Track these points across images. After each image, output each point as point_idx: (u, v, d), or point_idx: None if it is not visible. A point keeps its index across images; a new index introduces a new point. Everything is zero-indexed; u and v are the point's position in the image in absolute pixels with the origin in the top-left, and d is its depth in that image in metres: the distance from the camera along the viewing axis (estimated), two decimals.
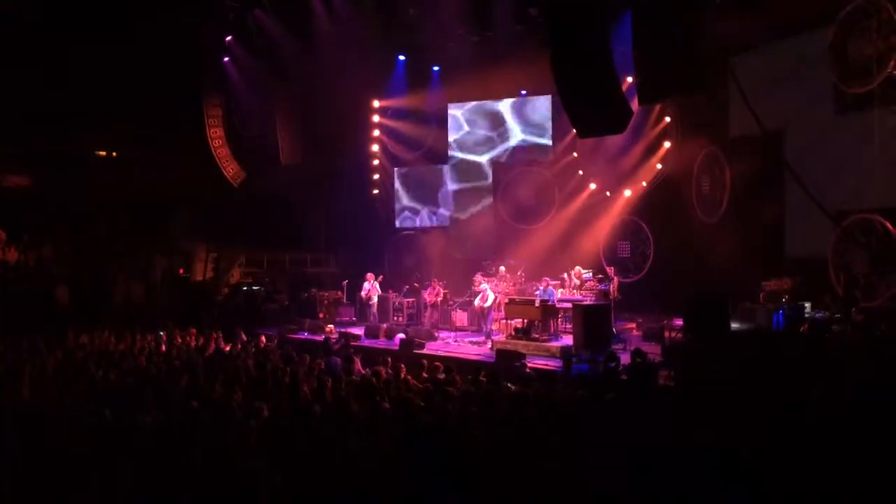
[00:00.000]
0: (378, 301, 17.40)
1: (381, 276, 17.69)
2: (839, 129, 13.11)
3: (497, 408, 7.32)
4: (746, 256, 14.02)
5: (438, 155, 21.46)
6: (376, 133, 21.84)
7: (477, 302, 15.07)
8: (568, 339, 13.29)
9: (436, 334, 15.19)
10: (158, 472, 5.43)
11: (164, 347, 12.65)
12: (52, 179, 19.39)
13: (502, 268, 16.61)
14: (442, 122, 21.22)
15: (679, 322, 12.52)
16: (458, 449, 5.38)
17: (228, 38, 19.23)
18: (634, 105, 12.30)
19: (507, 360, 11.50)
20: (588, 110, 11.45)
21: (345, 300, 18.56)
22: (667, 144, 17.06)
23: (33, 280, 18.63)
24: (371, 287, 17.35)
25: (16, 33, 16.71)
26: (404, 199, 22.24)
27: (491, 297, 14.67)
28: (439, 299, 16.70)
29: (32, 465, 5.81)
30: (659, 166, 17.25)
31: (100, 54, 17.32)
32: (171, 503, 4.99)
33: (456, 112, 20.96)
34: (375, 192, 22.13)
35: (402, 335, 14.65)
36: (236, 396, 7.89)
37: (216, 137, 19.78)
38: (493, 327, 14.81)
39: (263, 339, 13.57)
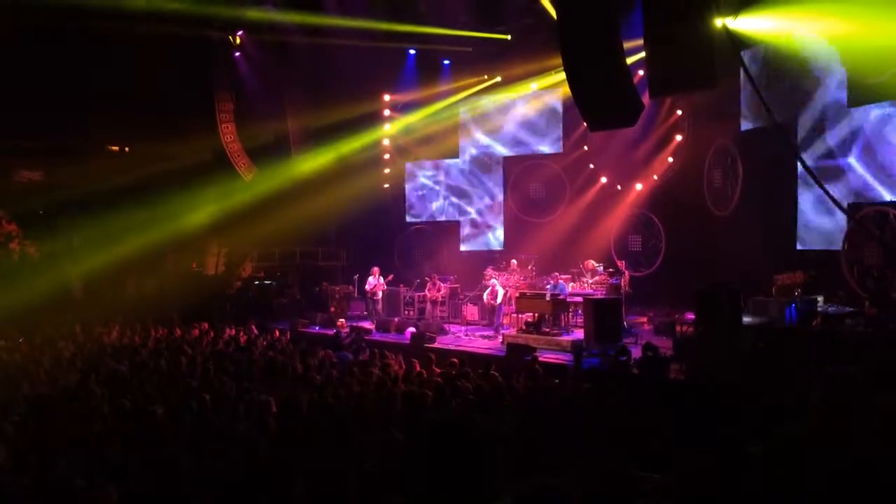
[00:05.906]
0: (383, 296, 17.36)
1: (391, 276, 17.61)
2: (852, 120, 13.00)
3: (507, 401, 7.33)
4: (758, 250, 13.95)
5: (449, 149, 21.45)
6: (387, 127, 21.83)
7: (486, 296, 15.06)
8: (579, 334, 13.28)
9: (446, 328, 15.21)
10: (170, 462, 5.48)
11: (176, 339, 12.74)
12: (64, 174, 19.49)
13: (513, 261, 16.63)
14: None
15: (690, 316, 12.48)
16: (466, 442, 5.37)
17: (240, 32, 19.28)
18: (646, 98, 12.23)
19: (517, 354, 11.51)
20: (599, 103, 11.40)
21: (356, 294, 18.57)
22: (678, 138, 16.97)
23: (47, 274, 18.74)
24: (377, 282, 17.24)
25: (27, 28, 16.79)
26: (415, 193, 22.26)
27: (501, 291, 14.66)
28: (440, 294, 16.71)
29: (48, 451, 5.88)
30: (670, 160, 17.16)
31: (111, 49, 17.39)
32: (181, 489, 5.04)
33: None
34: (386, 185, 22.13)
35: (412, 329, 14.68)
36: (248, 389, 7.94)
37: (228, 132, 19.87)
38: (504, 321, 14.81)
39: (277, 332, 13.64)
